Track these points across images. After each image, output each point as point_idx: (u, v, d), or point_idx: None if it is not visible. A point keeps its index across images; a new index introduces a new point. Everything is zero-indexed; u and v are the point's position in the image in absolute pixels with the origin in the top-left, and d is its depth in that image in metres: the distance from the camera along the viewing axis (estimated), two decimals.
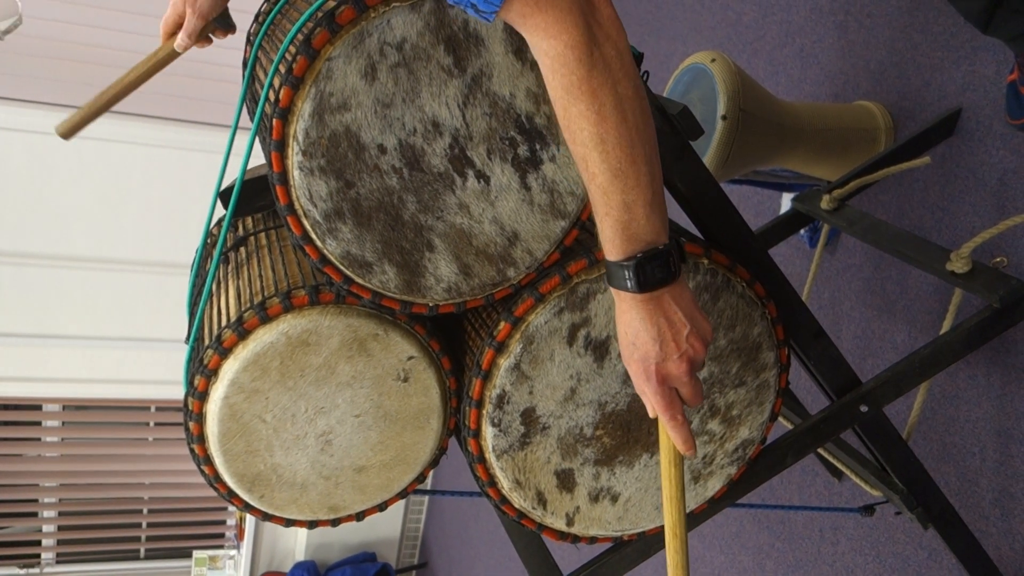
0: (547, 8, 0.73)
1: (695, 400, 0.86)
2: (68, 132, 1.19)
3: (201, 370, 0.99)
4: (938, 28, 1.64)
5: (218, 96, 3.63)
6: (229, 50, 1.21)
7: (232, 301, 1.05)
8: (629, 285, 0.80)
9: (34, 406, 4.15)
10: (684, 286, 0.83)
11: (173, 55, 1.17)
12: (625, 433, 1.05)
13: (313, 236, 0.91)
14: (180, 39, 1.15)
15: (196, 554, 4.40)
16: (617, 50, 0.75)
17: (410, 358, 1.03)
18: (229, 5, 1.19)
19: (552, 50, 0.74)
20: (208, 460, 1.03)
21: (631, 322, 0.83)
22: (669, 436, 0.87)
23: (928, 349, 1.20)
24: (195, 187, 3.65)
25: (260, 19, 1.12)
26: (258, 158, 1.02)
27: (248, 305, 1.00)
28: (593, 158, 0.77)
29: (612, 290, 0.83)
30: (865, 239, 1.42)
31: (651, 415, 0.88)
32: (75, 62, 3.49)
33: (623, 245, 0.79)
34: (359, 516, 1.13)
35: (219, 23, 1.17)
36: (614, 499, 1.09)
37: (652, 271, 0.79)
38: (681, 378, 0.84)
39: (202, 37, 1.17)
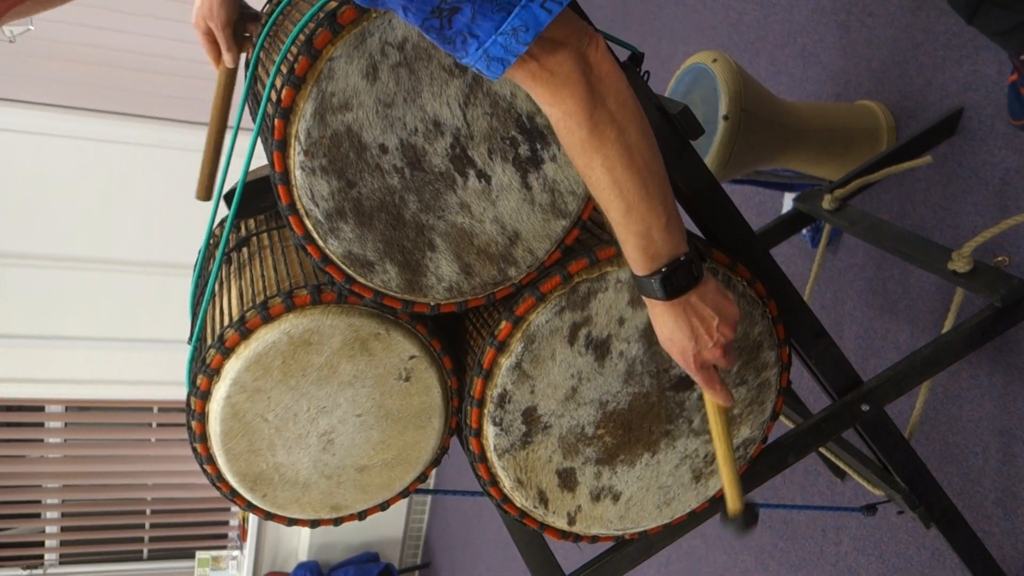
0: (545, 82, 0.77)
1: (731, 364, 0.95)
2: (205, 193, 1.20)
3: (203, 369, 0.99)
4: (940, 28, 1.64)
5: None
6: None
7: (234, 301, 1.05)
8: (658, 295, 0.87)
9: (37, 407, 4.16)
10: (708, 281, 0.89)
11: (231, 72, 1.18)
12: (626, 432, 1.05)
13: (315, 236, 0.91)
14: (225, 57, 1.15)
15: (199, 554, 4.41)
16: (619, 101, 0.79)
17: (412, 357, 1.03)
18: None
19: (554, 115, 0.80)
20: (211, 459, 1.04)
21: (665, 323, 0.90)
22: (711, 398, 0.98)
23: (930, 348, 1.20)
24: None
25: (262, 20, 1.12)
26: (260, 159, 1.02)
27: (250, 305, 1.01)
28: (608, 198, 0.82)
29: (644, 297, 0.90)
30: (867, 239, 1.42)
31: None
32: (78, 64, 3.50)
33: (646, 263, 0.85)
34: (361, 515, 1.13)
35: (244, 19, 1.16)
36: (616, 498, 1.09)
37: (678, 281, 0.86)
38: (718, 360, 0.92)
39: (240, 41, 1.16)
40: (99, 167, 3.67)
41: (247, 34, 1.17)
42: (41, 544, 4.39)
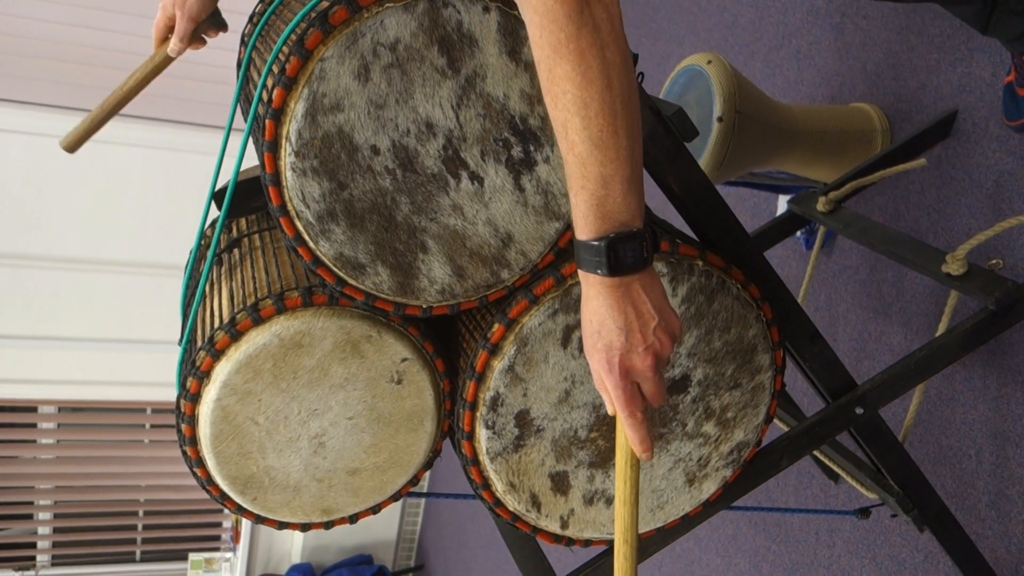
0: None
1: (658, 399, 0.83)
2: (72, 145, 1.19)
3: (193, 372, 0.98)
4: (934, 30, 1.64)
5: (213, 98, 3.63)
6: (223, 51, 1.21)
7: (225, 302, 1.05)
8: (600, 267, 0.76)
9: (29, 408, 4.14)
10: (655, 277, 0.80)
11: (168, 60, 1.17)
12: None
13: (306, 237, 0.91)
14: (172, 44, 1.14)
15: (192, 556, 4.40)
16: (608, 13, 0.73)
17: (404, 360, 1.02)
18: (222, 5, 1.19)
19: (542, 5, 0.71)
20: (201, 462, 1.03)
21: (598, 309, 0.79)
22: (626, 435, 0.84)
23: (924, 351, 1.19)
24: (190, 188, 3.64)
25: (254, 20, 1.12)
26: (252, 159, 1.01)
27: (241, 306, 1.00)
28: (574, 124, 0.73)
29: (580, 274, 0.80)
30: (861, 241, 1.42)
31: (610, 412, 0.85)
32: (71, 63, 3.49)
33: (596, 223, 0.75)
34: (352, 518, 1.12)
35: (210, 23, 1.16)
36: (609, 502, 1.08)
37: (624, 253, 0.75)
38: (645, 373, 0.80)
39: (194, 39, 1.16)
40: (92, 167, 3.65)
41: (205, 37, 1.17)
42: (33, 545, 4.38)
